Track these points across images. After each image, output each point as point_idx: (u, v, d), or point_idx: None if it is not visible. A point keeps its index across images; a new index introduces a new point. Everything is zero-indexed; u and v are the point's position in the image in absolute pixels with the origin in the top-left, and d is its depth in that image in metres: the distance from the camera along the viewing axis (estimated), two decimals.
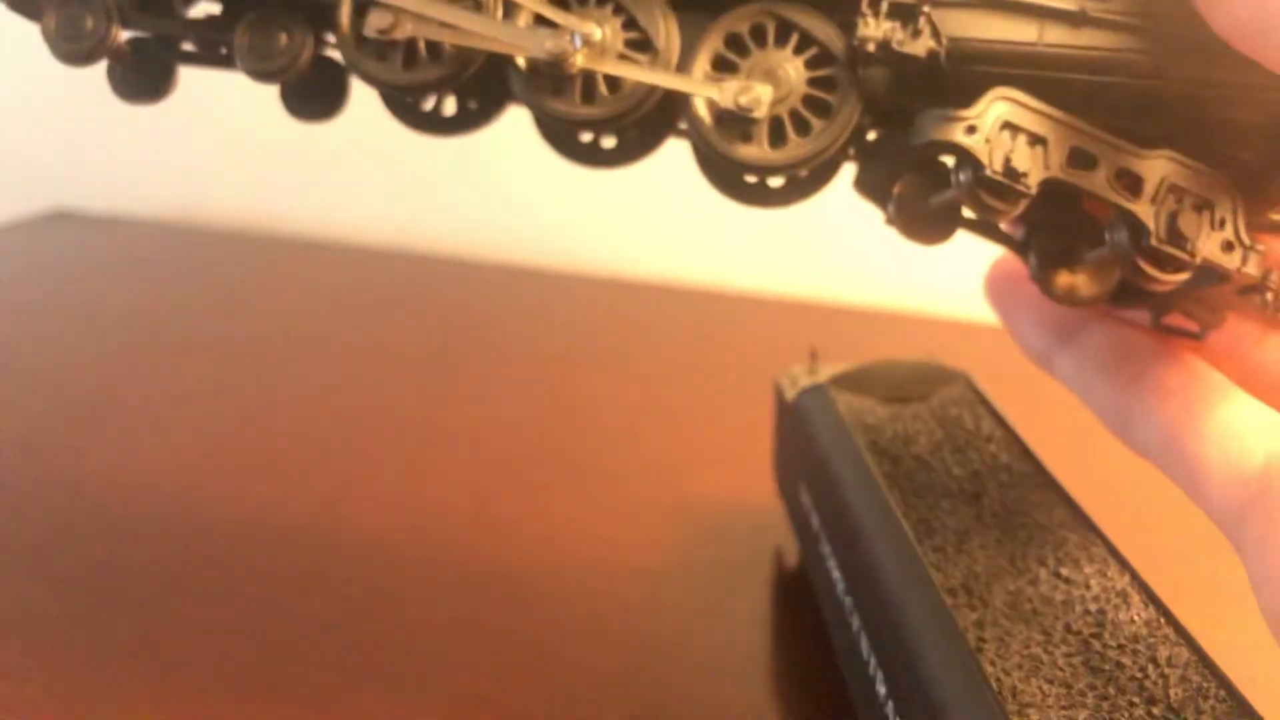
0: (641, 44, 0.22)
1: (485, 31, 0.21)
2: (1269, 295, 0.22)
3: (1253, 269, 0.21)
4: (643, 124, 0.23)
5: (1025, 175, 0.20)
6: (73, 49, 0.24)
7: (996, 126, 0.20)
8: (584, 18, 0.21)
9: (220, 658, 0.33)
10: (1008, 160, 0.20)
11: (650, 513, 0.42)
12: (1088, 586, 0.25)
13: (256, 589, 0.36)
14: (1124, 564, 0.26)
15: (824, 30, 0.21)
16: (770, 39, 0.21)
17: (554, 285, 0.70)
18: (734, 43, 0.21)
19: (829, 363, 0.39)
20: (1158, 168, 0.20)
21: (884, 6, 0.20)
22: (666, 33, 0.21)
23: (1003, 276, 0.29)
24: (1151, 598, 0.24)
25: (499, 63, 0.22)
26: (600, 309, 0.68)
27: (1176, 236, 0.20)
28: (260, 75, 0.23)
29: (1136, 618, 0.24)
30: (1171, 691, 0.21)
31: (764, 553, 0.40)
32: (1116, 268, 0.22)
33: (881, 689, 0.26)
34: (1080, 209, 0.22)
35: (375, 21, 0.21)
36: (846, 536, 0.30)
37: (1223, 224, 0.21)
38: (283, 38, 0.23)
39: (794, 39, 0.21)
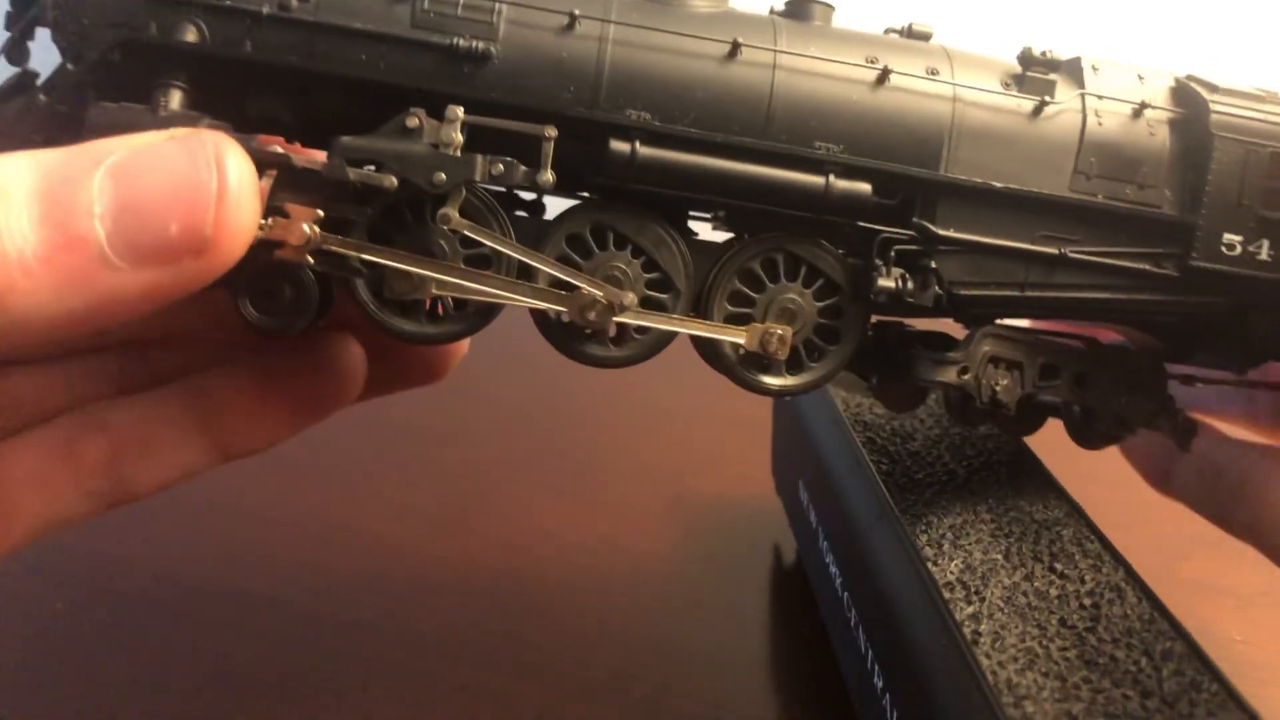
0: (662, 283, 0.22)
1: (518, 296, 0.21)
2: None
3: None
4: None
5: (1007, 405, 0.24)
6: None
7: (984, 362, 0.23)
8: (607, 263, 0.22)
9: (225, 656, 0.33)
10: (994, 393, 0.23)
11: (651, 511, 0.43)
12: (1082, 581, 0.25)
13: (265, 585, 0.37)
14: (1118, 559, 0.26)
15: (830, 264, 0.22)
16: (781, 273, 0.22)
17: None
18: (748, 277, 0.22)
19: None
20: (1089, 359, 0.24)
21: (892, 254, 0.22)
22: (685, 273, 0.22)
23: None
24: (1145, 592, 0.25)
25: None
26: None
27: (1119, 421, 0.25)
28: (269, 332, 0.22)
29: (1130, 612, 0.24)
30: (1165, 685, 0.22)
31: (762, 549, 0.40)
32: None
33: (879, 682, 0.26)
34: None
35: (398, 286, 0.21)
36: (844, 532, 0.30)
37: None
38: (286, 290, 0.21)
39: (803, 271, 0.22)
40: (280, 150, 0.20)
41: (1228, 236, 0.22)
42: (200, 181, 0.18)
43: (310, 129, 0.21)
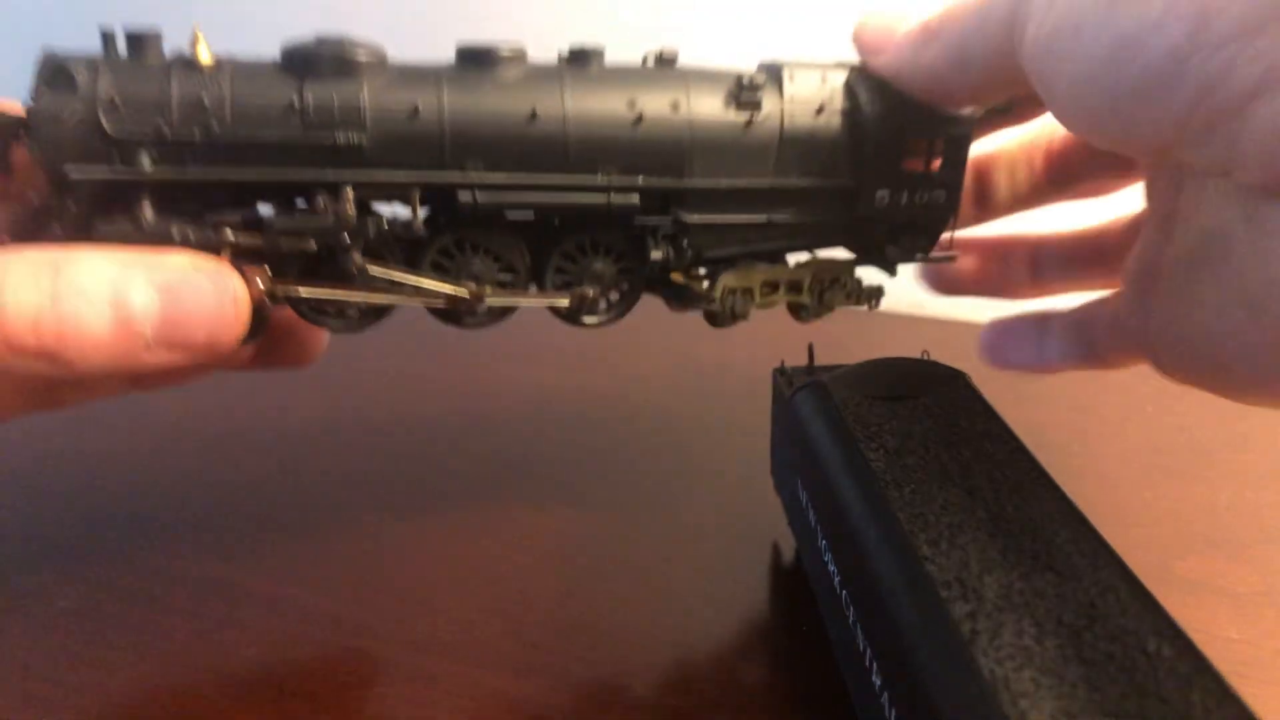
0: (508, 269, 0.32)
1: (412, 301, 0.31)
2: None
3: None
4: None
5: (745, 316, 0.36)
6: None
7: (725, 294, 0.35)
8: (468, 264, 0.32)
9: (227, 654, 0.33)
10: (733, 312, 0.35)
11: (649, 510, 0.43)
12: (1079, 580, 0.25)
13: (268, 585, 0.37)
14: (1115, 558, 0.26)
15: (621, 243, 0.33)
16: (589, 251, 0.33)
17: None
18: (567, 255, 0.33)
19: (827, 361, 0.39)
20: (806, 269, 0.36)
21: (660, 237, 0.33)
22: (523, 261, 0.33)
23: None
24: (1142, 591, 0.25)
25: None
26: None
27: (827, 305, 0.38)
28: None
29: (1127, 610, 0.24)
30: (1162, 683, 0.22)
31: (761, 548, 0.40)
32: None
33: (877, 680, 0.27)
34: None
35: (329, 305, 0.31)
36: (842, 531, 0.31)
37: (838, 282, 0.37)
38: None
39: (602, 250, 0.33)
40: (230, 235, 0.28)
41: (879, 192, 0.33)
42: (223, 311, 0.27)
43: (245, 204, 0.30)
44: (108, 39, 0.28)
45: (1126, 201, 0.37)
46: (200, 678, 0.32)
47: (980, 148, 0.38)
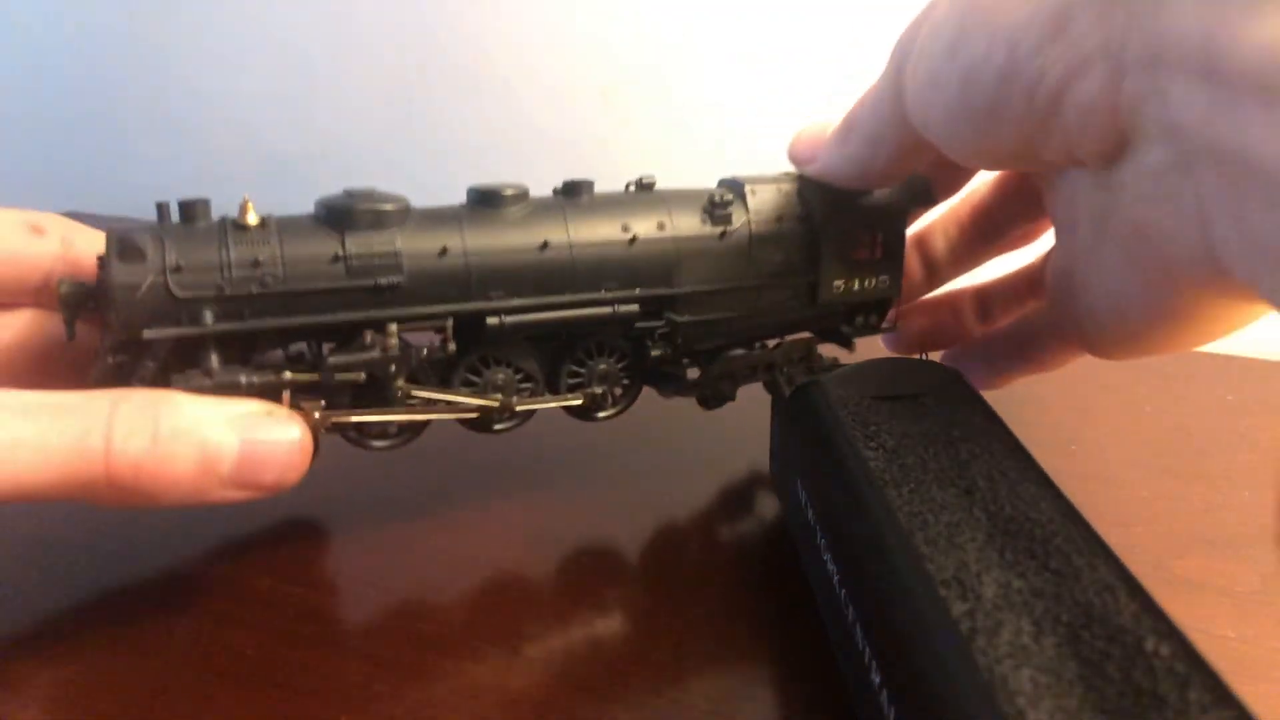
0: (526, 378, 0.36)
1: (449, 416, 0.36)
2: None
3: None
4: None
5: (732, 397, 0.41)
6: None
7: (713, 382, 0.40)
8: (493, 377, 0.36)
9: (229, 651, 0.33)
10: (720, 395, 0.41)
11: (648, 509, 0.43)
12: (1077, 579, 0.25)
13: (268, 582, 0.37)
14: (1112, 557, 0.26)
15: (622, 344, 0.38)
16: (595, 353, 0.37)
17: None
18: (576, 360, 0.37)
19: (825, 358, 0.40)
20: (778, 351, 0.40)
21: (656, 336, 0.37)
22: (540, 368, 0.37)
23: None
24: (1139, 590, 0.25)
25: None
26: None
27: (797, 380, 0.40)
28: None
29: (1124, 610, 0.24)
30: (1159, 681, 0.22)
31: (761, 547, 0.40)
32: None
33: (876, 678, 0.27)
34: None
35: (373, 427, 0.35)
36: (841, 530, 0.31)
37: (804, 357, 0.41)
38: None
39: (606, 351, 0.38)
40: (290, 376, 0.31)
41: (836, 281, 0.38)
42: (291, 455, 0.30)
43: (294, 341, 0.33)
44: (162, 209, 0.31)
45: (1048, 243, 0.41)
46: (201, 676, 0.32)
47: (917, 225, 0.43)
